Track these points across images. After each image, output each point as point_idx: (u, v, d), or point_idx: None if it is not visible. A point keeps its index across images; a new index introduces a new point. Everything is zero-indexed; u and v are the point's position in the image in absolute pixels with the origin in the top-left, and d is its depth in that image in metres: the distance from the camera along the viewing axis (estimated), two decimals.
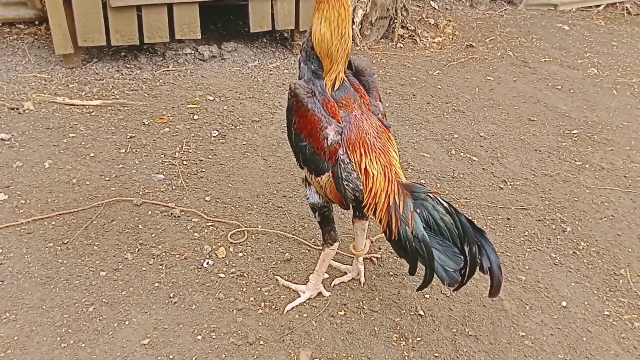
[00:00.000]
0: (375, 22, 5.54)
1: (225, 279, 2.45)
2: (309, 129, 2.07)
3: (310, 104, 2.05)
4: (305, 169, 2.19)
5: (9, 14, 4.84)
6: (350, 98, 2.14)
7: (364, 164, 2.07)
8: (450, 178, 3.41)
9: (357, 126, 2.10)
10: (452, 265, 1.97)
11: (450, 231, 1.97)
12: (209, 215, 2.84)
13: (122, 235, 2.65)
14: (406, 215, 2.00)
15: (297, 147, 2.14)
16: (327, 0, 2.00)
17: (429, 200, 2.01)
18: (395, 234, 2.04)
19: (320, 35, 2.01)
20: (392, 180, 2.08)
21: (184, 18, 4.34)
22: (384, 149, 2.13)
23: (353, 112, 2.11)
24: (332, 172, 2.09)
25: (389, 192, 2.06)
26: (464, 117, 4.19)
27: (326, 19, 2.00)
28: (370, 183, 2.07)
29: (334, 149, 2.07)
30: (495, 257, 1.98)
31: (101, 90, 3.99)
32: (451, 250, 1.98)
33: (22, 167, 3.05)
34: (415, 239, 1.98)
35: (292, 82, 2.09)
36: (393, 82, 4.67)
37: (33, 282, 2.33)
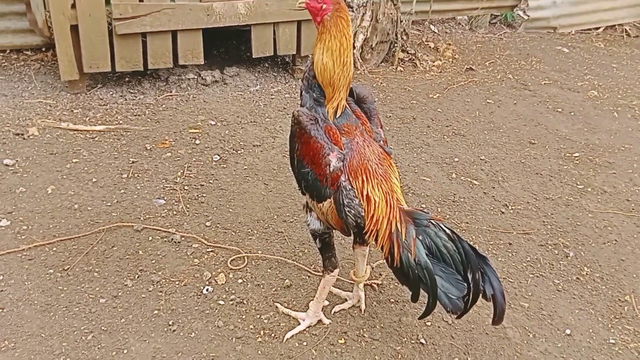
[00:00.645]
0: (376, 47, 5.58)
1: (224, 306, 2.42)
2: (311, 156, 2.07)
3: (313, 131, 2.05)
4: (307, 195, 2.18)
5: (17, 41, 4.89)
6: (352, 125, 2.14)
7: (366, 190, 2.06)
8: (451, 202, 3.39)
9: (359, 153, 2.10)
10: (455, 292, 1.95)
11: (453, 258, 1.96)
12: (209, 241, 2.82)
13: (123, 261, 2.63)
14: (408, 242, 1.99)
15: (300, 174, 2.14)
16: (328, 30, 2.04)
17: (431, 227, 2.00)
18: (398, 262, 2.02)
19: (322, 64, 2.04)
20: (394, 207, 2.07)
21: (188, 44, 4.38)
22: (385, 176, 2.13)
23: (355, 139, 2.12)
24: (334, 198, 2.09)
25: (391, 219, 2.05)
26: (464, 141, 4.18)
27: (328, 49, 2.03)
28: (372, 210, 2.06)
29: (336, 176, 2.06)
30: (498, 284, 1.95)
31: (105, 115, 4.01)
32: (454, 277, 1.96)
33: (25, 192, 3.05)
34: (417, 266, 1.96)
35: (296, 110, 2.10)
36: (393, 106, 4.68)
37: (33, 309, 2.31)
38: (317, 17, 2.08)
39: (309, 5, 2.08)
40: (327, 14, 2.05)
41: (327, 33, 2.04)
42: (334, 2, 2.07)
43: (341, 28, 2.05)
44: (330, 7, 2.06)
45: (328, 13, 2.05)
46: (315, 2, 2.07)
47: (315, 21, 2.11)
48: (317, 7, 2.07)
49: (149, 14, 4.06)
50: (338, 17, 2.06)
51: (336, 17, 2.06)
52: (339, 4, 2.07)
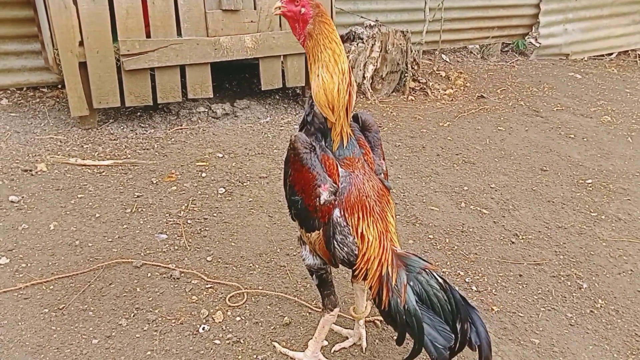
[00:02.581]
0: (386, 77, 5.52)
1: (220, 346, 2.30)
2: (302, 184, 1.96)
3: (306, 160, 1.93)
4: (296, 222, 2.08)
5: (33, 79, 4.96)
6: (355, 158, 2.01)
7: (361, 228, 1.95)
8: (459, 232, 3.24)
9: (357, 188, 1.98)
10: (441, 341, 1.86)
11: (443, 308, 1.87)
12: (209, 277, 2.72)
13: (119, 299, 2.54)
14: (399, 287, 1.89)
15: (290, 200, 2.03)
16: (317, 42, 1.87)
17: (423, 274, 1.90)
18: (386, 305, 1.92)
19: (319, 82, 1.84)
20: (387, 249, 1.96)
21: (196, 78, 4.37)
22: (382, 214, 2.02)
23: (355, 172, 2.00)
24: (323, 231, 1.97)
25: (382, 261, 1.94)
26: (474, 169, 4.05)
27: (322, 62, 1.85)
28: (364, 248, 1.95)
29: (326, 208, 1.95)
30: (485, 334, 1.85)
31: (114, 150, 3.99)
32: (442, 327, 1.87)
33: (27, 229, 3.00)
34: (406, 312, 1.86)
35: (293, 134, 1.98)
36: (403, 135, 4.58)
37: (24, 351, 2.22)
38: (296, 24, 1.91)
39: (286, 11, 1.91)
40: (308, 19, 1.89)
41: (317, 46, 1.87)
42: (313, 5, 1.90)
43: (327, 34, 1.87)
44: (310, 11, 1.89)
45: (309, 19, 1.89)
46: (292, 4, 1.90)
47: (295, 29, 1.92)
48: (296, 11, 1.89)
49: (156, 50, 4.07)
50: (321, 22, 1.89)
51: (319, 24, 1.89)
52: (318, 8, 1.90)
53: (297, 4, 1.89)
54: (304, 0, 1.88)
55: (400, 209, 3.42)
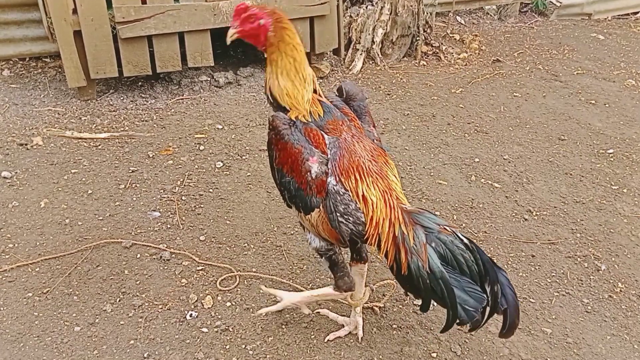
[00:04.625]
0: (397, 41, 5.16)
1: (207, 335, 2.13)
2: (290, 163, 1.78)
3: (288, 136, 1.77)
4: (293, 207, 1.88)
5: (35, 49, 4.74)
6: (338, 120, 1.87)
7: (361, 190, 1.78)
8: (468, 208, 2.98)
9: (348, 150, 1.82)
10: (472, 303, 1.70)
11: (471, 269, 1.71)
12: (201, 258, 2.53)
13: (105, 282, 2.37)
14: (417, 247, 1.72)
15: (281, 184, 1.85)
16: (277, 49, 1.78)
17: (444, 234, 1.73)
18: (405, 269, 1.73)
19: (281, 88, 1.80)
20: (395, 207, 1.80)
21: (196, 46, 4.10)
22: (381, 173, 1.85)
23: (342, 136, 1.84)
24: (323, 206, 1.79)
25: (393, 221, 1.77)
26: (486, 139, 3.75)
27: (282, 69, 1.78)
28: (370, 211, 1.78)
29: (320, 182, 1.78)
30: (513, 297, 1.72)
31: (112, 122, 3.79)
32: (471, 287, 1.71)
33: (17, 207, 2.84)
34: (430, 276, 1.70)
35: (271, 115, 1.81)
36: (412, 103, 4.27)
37: (3, 339, 2.08)
38: (260, 39, 1.80)
39: (244, 31, 1.79)
40: (268, 30, 1.78)
41: (277, 52, 1.78)
42: (269, 12, 1.79)
43: (289, 40, 1.79)
44: (269, 19, 1.78)
45: (269, 28, 1.77)
46: (248, 23, 1.78)
47: (258, 44, 1.82)
48: (255, 27, 1.79)
49: (152, 16, 3.79)
50: (282, 28, 1.79)
51: (280, 30, 1.79)
52: (275, 13, 1.80)
53: (253, 19, 1.78)
54: (258, 12, 1.78)
55: (406, 183, 3.17)
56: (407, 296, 2.11)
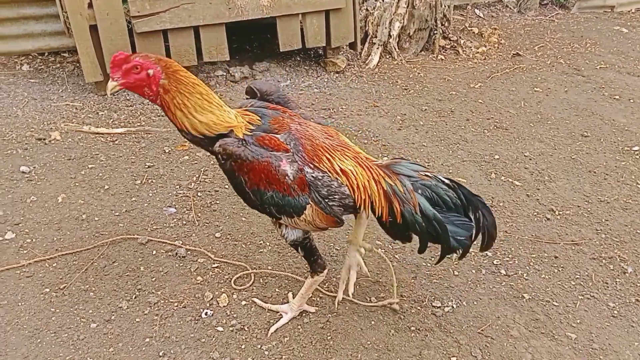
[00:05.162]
0: (414, 34, 5.06)
1: (223, 334, 2.09)
2: (264, 178, 1.76)
3: (249, 154, 1.75)
4: (282, 217, 1.87)
5: (54, 43, 4.75)
6: (277, 117, 1.87)
7: (336, 165, 1.83)
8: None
9: (305, 137, 1.84)
10: (462, 233, 1.89)
11: (455, 204, 1.89)
12: (217, 255, 2.49)
13: (121, 279, 2.35)
14: (407, 195, 1.85)
15: (264, 202, 1.82)
16: (178, 92, 1.71)
17: (427, 179, 1.89)
18: (400, 218, 1.85)
19: (205, 123, 1.74)
20: (372, 167, 1.89)
21: (211, 40, 4.06)
22: (342, 144, 1.92)
23: (290, 128, 1.85)
24: (312, 200, 1.81)
25: (377, 178, 1.87)
26: (507, 135, 3.65)
27: (195, 107, 1.72)
28: (354, 180, 1.84)
29: (300, 179, 1.79)
30: (489, 216, 1.92)
31: (129, 117, 3.77)
32: (459, 219, 1.89)
33: (35, 202, 2.83)
34: (425, 219, 1.85)
35: (217, 145, 1.76)
36: (430, 98, 4.19)
37: (20, 335, 2.06)
38: (150, 89, 1.73)
39: (129, 83, 1.72)
40: (160, 78, 1.71)
41: (179, 95, 1.71)
42: (155, 61, 1.72)
43: (187, 80, 1.73)
44: (158, 68, 1.71)
45: (161, 76, 1.71)
46: (134, 75, 1.71)
47: (150, 94, 1.74)
48: (142, 78, 1.71)
49: (167, 10, 3.76)
50: (174, 72, 1.73)
51: (173, 74, 1.72)
52: (162, 61, 1.74)
53: (138, 70, 1.70)
54: (144, 62, 1.71)
55: None
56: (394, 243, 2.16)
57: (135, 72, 1.71)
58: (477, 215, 1.90)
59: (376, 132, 3.62)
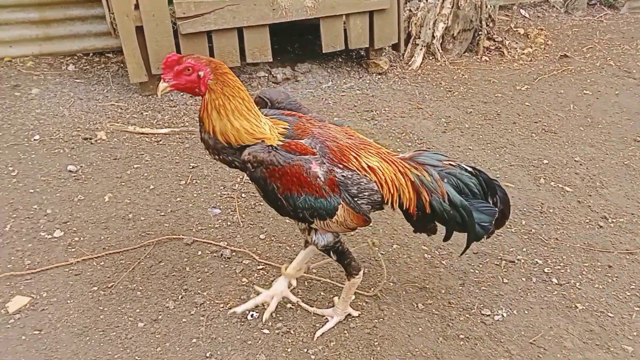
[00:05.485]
0: (458, 35, 5.00)
1: (269, 336, 2.11)
2: (297, 182, 1.78)
3: (280, 159, 1.77)
4: (314, 221, 1.88)
5: (98, 44, 4.89)
6: (298, 123, 1.89)
7: (364, 163, 1.87)
8: (538, 213, 2.83)
9: (329, 139, 1.87)
10: (486, 219, 1.93)
11: (478, 190, 1.93)
12: (261, 257, 2.52)
13: (168, 279, 2.39)
14: (435, 184, 1.89)
15: (297, 207, 1.83)
16: (222, 93, 1.74)
17: (451, 168, 1.93)
18: (429, 208, 1.89)
19: (236, 129, 1.76)
20: (396, 160, 1.94)
21: (255, 41, 4.10)
22: (364, 142, 1.96)
23: (313, 132, 1.87)
24: (343, 200, 1.83)
25: (403, 170, 1.91)
26: (555, 139, 3.56)
27: (233, 111, 1.75)
28: (382, 176, 1.88)
29: (330, 179, 1.81)
30: (504, 196, 1.98)
31: (172, 117, 3.84)
32: (483, 205, 1.93)
33: (83, 200, 2.92)
34: (453, 207, 1.88)
35: (246, 154, 1.78)
36: (475, 100, 4.12)
37: (70, 332, 2.13)
38: (201, 89, 1.76)
39: (180, 84, 1.76)
40: (208, 79, 1.74)
41: (222, 97, 1.74)
42: (206, 62, 1.76)
43: (233, 83, 1.77)
44: (208, 69, 1.75)
45: (210, 77, 1.74)
46: (184, 76, 1.75)
47: (196, 92, 1.78)
48: (193, 80, 1.75)
49: (212, 12, 3.82)
50: (222, 74, 1.76)
51: (222, 76, 1.76)
52: (213, 62, 1.77)
53: (190, 72, 1.74)
54: (196, 64, 1.75)
55: None
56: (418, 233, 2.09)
57: (187, 73, 1.75)
58: (495, 199, 1.96)
59: (420, 135, 3.59)
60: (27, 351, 2.03)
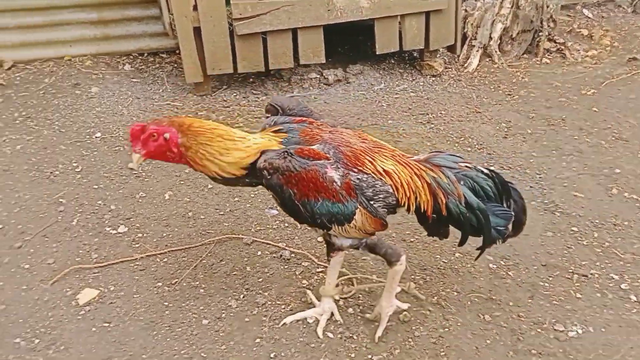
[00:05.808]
0: (517, 36, 4.90)
1: (332, 340, 2.12)
2: (314, 188, 1.79)
3: (296, 164, 1.78)
4: (333, 227, 1.88)
5: (153, 44, 5.04)
6: (306, 129, 1.92)
7: (379, 167, 1.88)
8: (611, 226, 2.75)
9: (342, 143, 1.89)
10: (502, 222, 1.93)
11: (494, 193, 1.93)
12: (320, 259, 2.54)
13: (229, 278, 2.45)
14: (452, 187, 1.89)
15: (315, 213, 1.84)
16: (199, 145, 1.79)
17: (467, 170, 1.93)
18: (445, 210, 1.89)
19: (235, 160, 1.81)
20: (411, 163, 1.94)
21: (309, 43, 4.14)
22: (377, 145, 1.98)
23: (324, 137, 1.89)
24: (359, 204, 1.84)
25: (419, 173, 1.91)
26: (627, 147, 3.44)
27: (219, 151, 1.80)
28: (397, 179, 1.88)
29: (346, 183, 1.82)
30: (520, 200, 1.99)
31: (226, 117, 3.92)
32: (499, 209, 1.93)
33: (144, 198, 3.02)
34: (469, 210, 1.88)
35: (262, 161, 1.80)
36: (537, 105, 4.03)
37: (138, 326, 2.20)
38: (172, 151, 1.80)
39: (151, 152, 1.81)
40: (177, 139, 1.78)
41: (201, 147, 1.79)
42: (168, 124, 1.79)
43: (203, 129, 1.81)
44: (173, 129, 1.78)
45: (177, 136, 1.78)
46: (152, 143, 1.79)
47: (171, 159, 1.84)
48: (161, 144, 1.80)
49: (268, 12, 3.88)
50: (188, 127, 1.79)
51: (187, 129, 1.79)
52: (174, 122, 1.81)
53: (156, 137, 1.78)
54: (158, 128, 1.78)
55: (536, 193, 2.98)
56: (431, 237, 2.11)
57: (153, 139, 1.80)
58: (510, 202, 1.95)
59: (480, 140, 3.54)
60: (98, 343, 2.11)
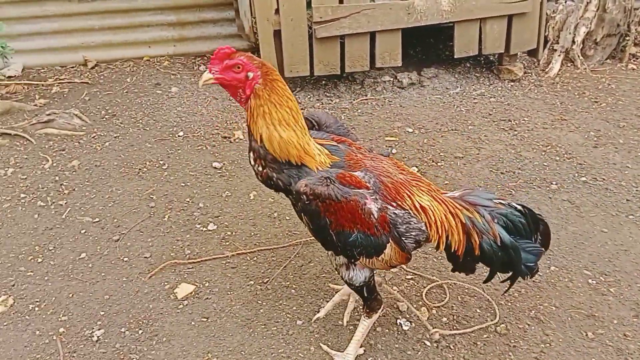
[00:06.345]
0: (601, 41, 4.78)
1: (429, 349, 2.15)
2: (351, 219, 1.75)
3: (337, 193, 1.72)
4: (361, 258, 1.85)
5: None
6: (349, 152, 1.88)
7: (416, 202, 1.86)
8: None
9: (383, 174, 1.86)
10: (532, 259, 1.93)
11: (526, 230, 1.93)
12: (409, 266, 2.57)
13: (319, 280, 2.51)
14: (487, 226, 1.87)
15: (347, 245, 1.79)
16: (268, 100, 1.72)
17: (502, 208, 1.91)
18: (478, 250, 1.87)
19: (285, 140, 1.73)
20: (447, 200, 1.91)
21: (386, 46, 4.19)
22: (415, 177, 1.96)
23: (365, 164, 1.86)
24: (392, 240, 1.81)
25: (454, 211, 1.88)
26: None
27: (280, 121, 1.72)
28: (431, 216, 1.85)
29: (382, 217, 1.78)
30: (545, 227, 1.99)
31: None
32: (529, 245, 1.93)
33: (230, 197, 3.13)
34: (502, 249, 1.88)
35: (302, 185, 1.73)
36: (627, 112, 3.93)
37: (234, 322, 2.30)
38: (245, 91, 1.74)
39: (225, 79, 1.73)
40: (256, 83, 1.71)
41: (268, 104, 1.72)
42: (258, 65, 1.72)
43: (282, 92, 1.75)
44: (258, 72, 1.72)
45: (258, 81, 1.71)
46: (232, 72, 1.72)
47: (242, 96, 1.75)
48: (239, 79, 1.72)
49: (348, 16, 3.95)
50: (272, 80, 1.74)
51: (271, 82, 1.73)
52: (265, 66, 1.73)
53: (239, 69, 1.71)
54: (247, 63, 1.72)
55: (634, 207, 2.91)
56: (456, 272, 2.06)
57: (236, 70, 1.73)
58: (537, 235, 1.96)
59: (568, 149, 3.48)
60: (198, 337, 2.22)
